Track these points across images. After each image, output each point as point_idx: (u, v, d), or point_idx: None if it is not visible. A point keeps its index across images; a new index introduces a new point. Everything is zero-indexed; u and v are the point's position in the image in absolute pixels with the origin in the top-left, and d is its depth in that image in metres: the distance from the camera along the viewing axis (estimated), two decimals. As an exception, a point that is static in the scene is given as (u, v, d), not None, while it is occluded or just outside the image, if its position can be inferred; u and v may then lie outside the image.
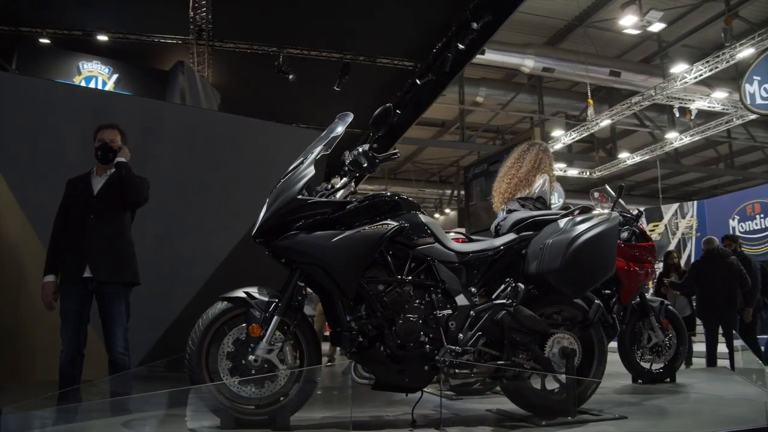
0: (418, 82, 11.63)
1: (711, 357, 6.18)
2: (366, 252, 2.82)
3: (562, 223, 3.08)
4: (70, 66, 9.51)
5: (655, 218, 13.36)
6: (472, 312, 2.99)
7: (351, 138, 16.04)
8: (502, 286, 3.07)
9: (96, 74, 9.71)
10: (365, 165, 2.95)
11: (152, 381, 3.37)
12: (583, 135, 15.97)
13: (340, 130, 3.05)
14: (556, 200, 15.69)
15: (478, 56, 13.95)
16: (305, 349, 2.91)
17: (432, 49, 11.15)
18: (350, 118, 3.11)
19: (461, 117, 17.79)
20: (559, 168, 18.08)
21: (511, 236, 3.17)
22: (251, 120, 6.89)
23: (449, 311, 2.97)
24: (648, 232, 4.68)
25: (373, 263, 2.92)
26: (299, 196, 2.84)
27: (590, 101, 14.26)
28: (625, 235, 4.60)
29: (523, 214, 3.29)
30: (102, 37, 9.80)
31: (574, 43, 14.83)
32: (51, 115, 5.22)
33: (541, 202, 4.14)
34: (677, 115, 14.50)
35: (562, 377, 3.06)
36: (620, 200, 4.80)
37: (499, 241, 3.16)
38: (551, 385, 3.15)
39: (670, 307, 4.68)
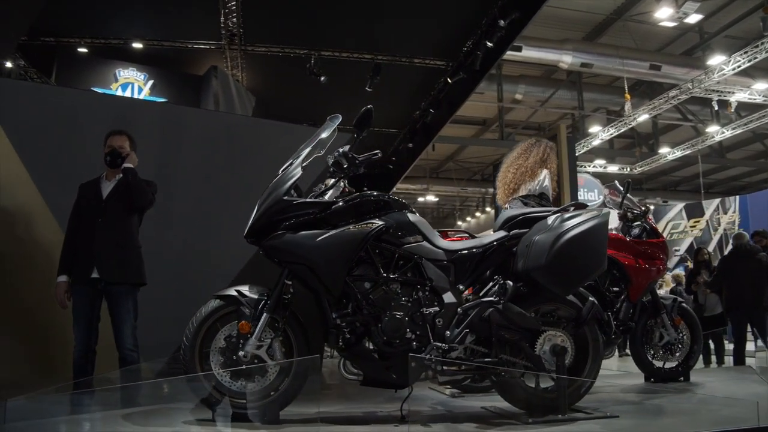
0: (449, 81, 11.61)
1: (738, 355, 6.02)
2: (350, 251, 2.88)
3: (550, 220, 3.07)
4: (107, 74, 9.84)
5: (696, 214, 13.01)
6: (459, 309, 3.02)
7: (387, 137, 16.19)
8: (490, 284, 3.09)
9: (132, 81, 10.03)
10: (345, 166, 3.02)
11: (167, 377, 3.50)
12: (622, 130, 15.66)
13: (327, 132, 3.13)
14: (596, 197, 15.49)
15: (516, 53, 13.92)
16: (295, 345, 2.99)
17: (462, 48, 11.12)
18: (338, 120, 3.18)
19: (500, 115, 17.70)
20: (598, 164, 17.79)
21: (501, 233, 3.18)
22: (275, 123, 7.03)
23: (436, 308, 3.00)
24: (658, 229, 4.59)
25: (360, 262, 2.97)
26: (285, 197, 2.92)
27: (627, 96, 13.98)
28: (636, 231, 4.54)
29: (515, 211, 3.30)
30: (137, 45, 10.10)
31: (613, 38, 14.59)
32: (79, 122, 5.42)
33: (545, 198, 4.12)
34: (716, 108, 14.08)
35: (553, 375, 3.06)
36: (629, 195, 4.72)
37: (488, 239, 3.18)
38: (546, 382, 3.15)
39: (683, 304, 4.59)
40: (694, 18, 12.06)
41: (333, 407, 3.36)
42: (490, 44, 9.75)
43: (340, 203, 2.97)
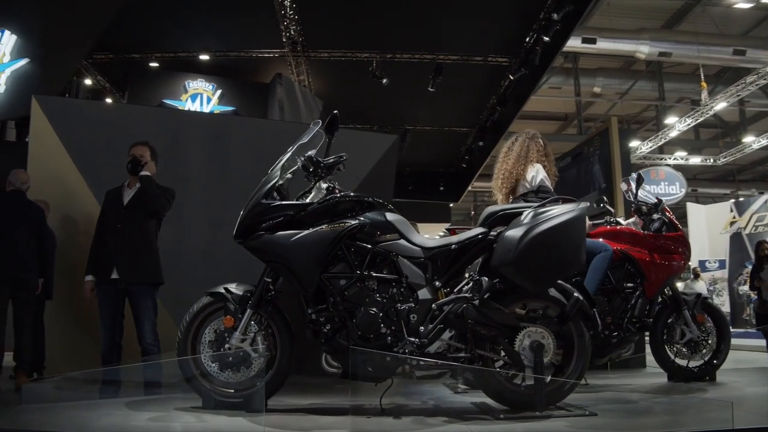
0: (511, 77, 11.54)
1: (795, 356, 5.66)
2: (323, 249, 3.01)
3: (524, 215, 3.07)
4: (177, 86, 10.44)
5: (781, 207, 12.13)
6: (434, 305, 3.08)
7: (459, 136, 16.20)
8: (465, 280, 3.14)
9: (201, 91, 10.57)
10: (311, 170, 3.16)
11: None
12: (700, 120, 14.87)
13: (307, 137, 3.27)
14: (677, 191, 14.81)
15: (590, 46, 13.64)
16: (278, 339, 3.18)
17: (523, 44, 11.02)
18: (320, 124, 3.29)
19: (578, 110, 17.28)
20: (679, 156, 16.97)
21: (478, 230, 3.21)
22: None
23: (411, 304, 3.08)
24: (677, 223, 4.40)
25: (338, 260, 3.10)
26: (263, 201, 3.11)
27: (703, 84, 13.30)
28: (656, 225, 4.38)
29: (496, 207, 3.30)
30: (204, 57, 10.67)
31: (693, 24, 13.92)
32: (130, 135, 5.79)
33: (544, 191, 4.08)
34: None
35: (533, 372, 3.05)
36: (641, 189, 4.55)
37: (465, 236, 3.21)
38: (530, 379, 3.14)
39: (708, 300, 4.40)
40: (772, -3, 11.32)
41: (327, 399, 3.49)
42: (546, 39, 9.63)
43: (315, 205, 3.11)
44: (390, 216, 3.19)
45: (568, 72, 16.23)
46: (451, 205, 19.80)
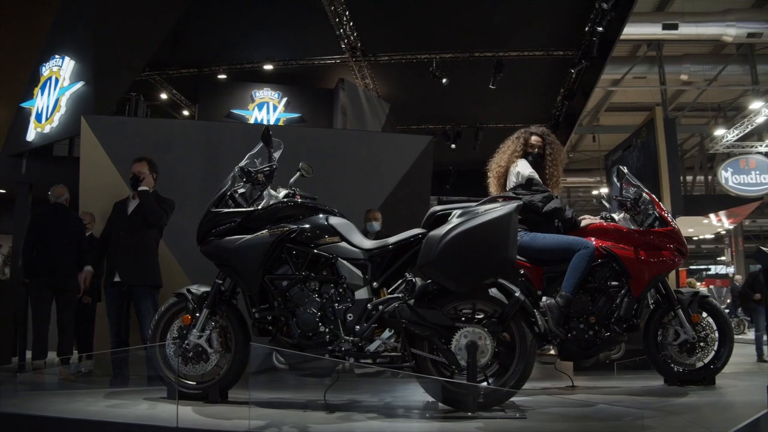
0: (572, 70, 11.26)
1: None
2: (263, 252, 3.21)
3: (452, 214, 3.11)
4: (244, 95, 11.01)
5: None
6: (370, 305, 3.19)
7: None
8: (399, 281, 3.22)
9: (267, 100, 11.09)
10: (244, 179, 3.36)
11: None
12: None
13: (255, 149, 3.49)
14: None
15: (672, 32, 13.10)
16: (233, 336, 3.41)
17: (582, 36, 10.73)
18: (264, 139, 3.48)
19: (663, 99, 16.45)
20: (768, 145, 15.76)
21: (417, 231, 3.27)
22: (355, 131, 7.45)
23: (348, 304, 3.21)
24: (668, 217, 4.16)
25: (282, 262, 3.29)
26: (213, 209, 3.36)
27: (789, 65, 12.30)
28: (649, 221, 4.20)
29: (437, 207, 3.33)
30: (268, 66, 11.18)
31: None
32: (170, 148, 6.20)
33: (535, 184, 4.06)
34: None
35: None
36: (622, 182, 4.34)
37: (403, 236, 3.29)
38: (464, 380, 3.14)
39: (709, 299, 4.15)
40: None
41: (279, 393, 3.68)
42: (600, 29, 9.35)
43: (258, 211, 3.31)
44: (333, 220, 3.34)
45: (653, 60, 15.50)
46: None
